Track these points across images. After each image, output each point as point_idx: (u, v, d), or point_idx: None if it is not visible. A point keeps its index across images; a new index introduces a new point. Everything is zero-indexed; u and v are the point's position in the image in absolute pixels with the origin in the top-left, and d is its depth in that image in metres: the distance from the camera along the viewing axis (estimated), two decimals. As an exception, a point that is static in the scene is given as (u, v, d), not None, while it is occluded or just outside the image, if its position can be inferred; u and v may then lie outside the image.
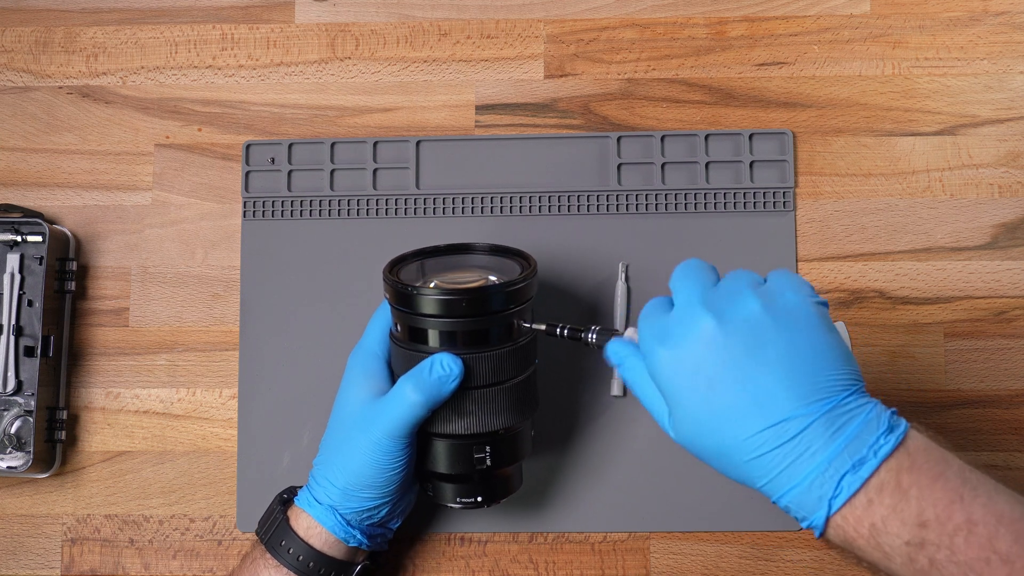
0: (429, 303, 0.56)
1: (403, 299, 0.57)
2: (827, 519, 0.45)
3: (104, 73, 0.73)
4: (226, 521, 0.69)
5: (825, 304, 0.49)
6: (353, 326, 0.63)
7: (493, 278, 0.60)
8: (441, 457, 0.59)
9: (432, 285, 0.58)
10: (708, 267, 0.51)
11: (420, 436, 0.59)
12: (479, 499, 0.60)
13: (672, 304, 0.50)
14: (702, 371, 0.47)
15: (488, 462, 0.58)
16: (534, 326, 0.58)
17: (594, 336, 0.55)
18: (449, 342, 0.56)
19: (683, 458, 0.67)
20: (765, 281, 0.50)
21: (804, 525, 0.47)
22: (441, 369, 0.56)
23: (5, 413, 0.68)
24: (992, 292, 0.69)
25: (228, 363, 0.70)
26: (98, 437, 0.70)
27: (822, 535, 0.46)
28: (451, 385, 0.56)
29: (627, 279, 0.68)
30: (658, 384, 0.49)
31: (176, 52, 0.73)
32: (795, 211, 0.70)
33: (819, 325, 0.47)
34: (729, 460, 0.47)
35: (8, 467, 0.67)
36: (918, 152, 0.70)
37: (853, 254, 0.69)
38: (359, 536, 0.59)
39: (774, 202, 0.70)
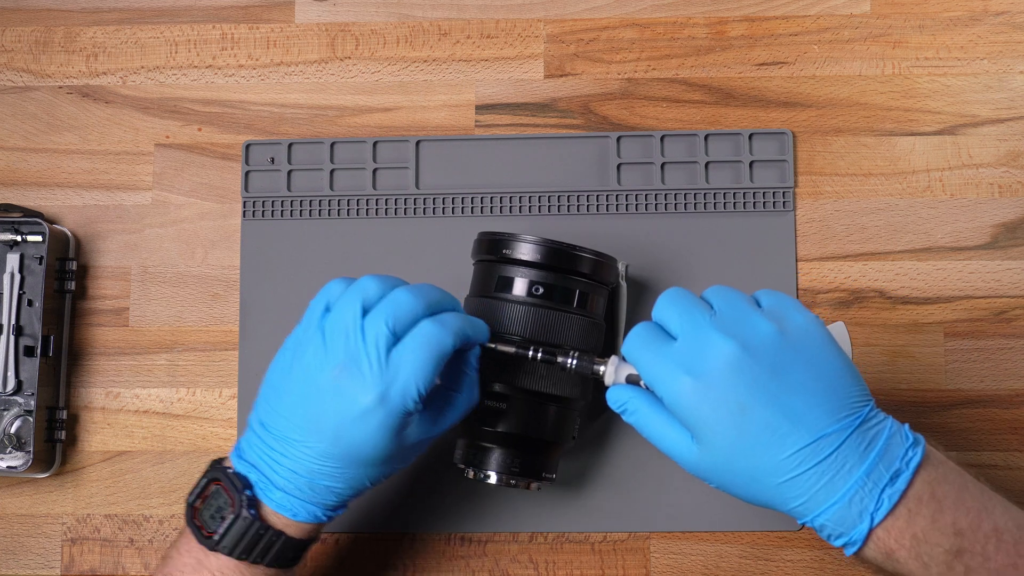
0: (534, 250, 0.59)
1: (501, 246, 0.59)
2: (868, 533, 0.45)
3: (104, 73, 0.73)
4: (226, 521, 0.69)
5: (821, 322, 0.49)
6: (353, 326, 0.63)
7: None
8: (548, 421, 0.59)
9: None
10: (692, 293, 0.51)
11: (521, 397, 0.57)
12: (554, 476, 0.61)
13: (663, 331, 0.49)
14: (731, 396, 0.46)
15: (575, 435, 0.61)
16: (499, 347, 0.55)
17: (574, 362, 0.54)
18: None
19: (683, 458, 0.67)
20: (758, 302, 0.50)
21: (838, 543, 0.47)
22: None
23: (5, 413, 0.68)
24: (992, 292, 0.69)
25: (228, 363, 0.70)
26: (98, 437, 0.70)
27: (857, 552, 0.46)
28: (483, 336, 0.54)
29: (627, 279, 0.68)
30: (680, 415, 0.48)
31: (176, 52, 0.73)
32: (795, 211, 0.70)
33: (829, 344, 0.48)
34: (761, 484, 0.47)
35: (8, 467, 0.67)
36: (918, 152, 0.70)
37: (853, 254, 0.69)
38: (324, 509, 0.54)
39: (774, 202, 0.69)
